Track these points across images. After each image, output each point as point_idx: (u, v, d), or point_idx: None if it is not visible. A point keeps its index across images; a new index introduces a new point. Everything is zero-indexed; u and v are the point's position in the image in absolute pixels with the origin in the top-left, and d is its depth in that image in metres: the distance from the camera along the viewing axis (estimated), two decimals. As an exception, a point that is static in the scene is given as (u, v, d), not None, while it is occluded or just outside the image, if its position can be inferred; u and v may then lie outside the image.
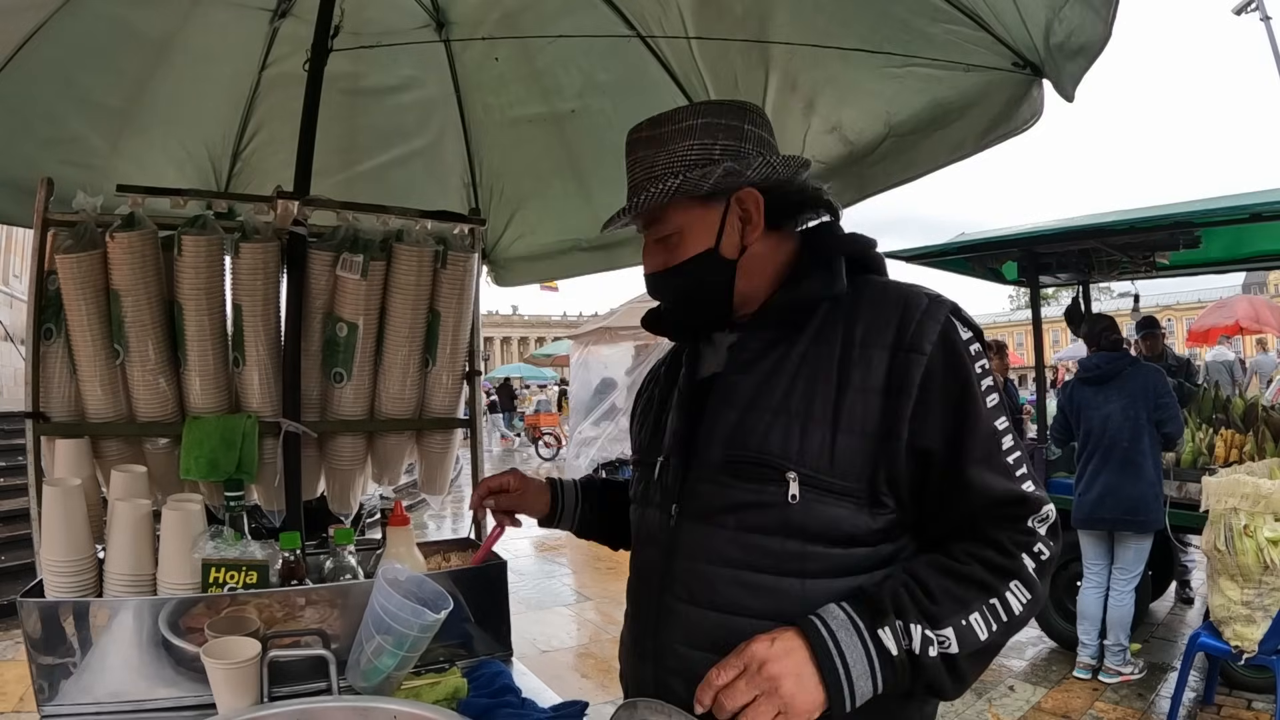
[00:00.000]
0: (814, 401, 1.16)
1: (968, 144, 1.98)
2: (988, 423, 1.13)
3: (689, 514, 1.25)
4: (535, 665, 2.24)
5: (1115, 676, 4.67)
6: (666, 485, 1.30)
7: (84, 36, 2.24)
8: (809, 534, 1.14)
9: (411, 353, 2.24)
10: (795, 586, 1.14)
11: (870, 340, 1.16)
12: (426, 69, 2.77)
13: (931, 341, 1.14)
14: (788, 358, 1.21)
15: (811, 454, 1.14)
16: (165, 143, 2.78)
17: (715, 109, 1.28)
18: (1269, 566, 3.57)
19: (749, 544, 1.17)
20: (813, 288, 1.23)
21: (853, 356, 1.16)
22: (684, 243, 1.27)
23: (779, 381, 1.20)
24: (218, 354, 2.07)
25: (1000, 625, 1.09)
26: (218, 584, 1.72)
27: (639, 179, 1.28)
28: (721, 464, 1.21)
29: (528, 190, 3.09)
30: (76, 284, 1.93)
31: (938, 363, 1.13)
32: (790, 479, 1.14)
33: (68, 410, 2.00)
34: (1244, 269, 9.39)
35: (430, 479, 2.46)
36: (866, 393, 1.14)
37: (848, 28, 2.01)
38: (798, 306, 1.23)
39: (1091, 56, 1.65)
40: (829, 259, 1.26)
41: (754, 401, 1.21)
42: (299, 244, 2.12)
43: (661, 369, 1.51)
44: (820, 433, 1.14)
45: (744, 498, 1.17)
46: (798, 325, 1.23)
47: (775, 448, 1.16)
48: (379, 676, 1.62)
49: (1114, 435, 4.70)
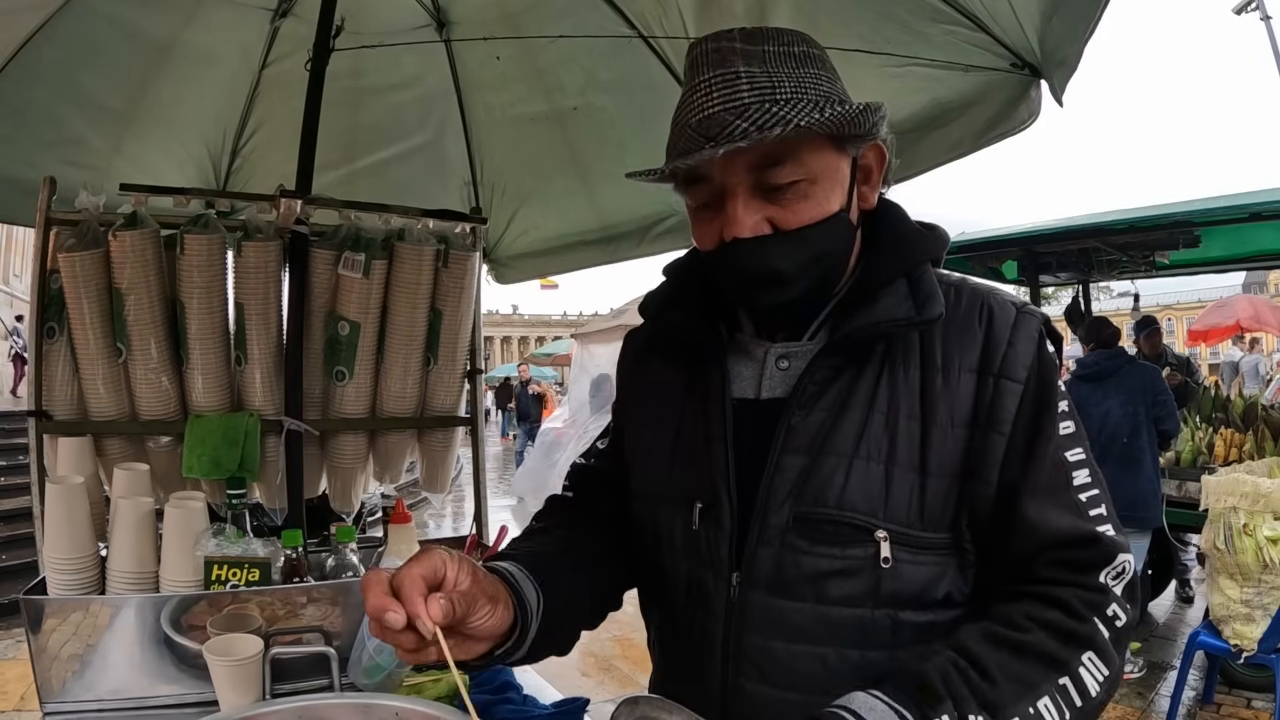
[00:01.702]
0: (897, 443, 0.96)
1: (966, 143, 2.00)
2: (1058, 451, 0.95)
3: (755, 584, 1.00)
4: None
5: None
6: (714, 543, 1.03)
7: (85, 37, 2.25)
8: (901, 600, 0.96)
9: (413, 351, 2.24)
10: (885, 659, 0.96)
11: (953, 362, 0.97)
12: (427, 67, 2.78)
13: (1027, 367, 0.96)
14: (857, 388, 0.99)
15: (899, 507, 0.95)
16: (165, 142, 2.79)
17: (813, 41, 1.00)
18: (1268, 565, 3.57)
19: (831, 618, 0.97)
20: (900, 308, 0.98)
21: (935, 385, 0.97)
22: (817, 195, 0.96)
23: (851, 417, 0.97)
24: (220, 352, 2.08)
25: (1074, 713, 0.86)
26: (220, 581, 1.73)
27: (752, 99, 0.92)
28: (791, 523, 0.97)
29: (530, 187, 3.11)
30: (79, 283, 1.93)
31: (1030, 390, 0.96)
32: (880, 539, 0.94)
33: (70, 408, 2.01)
34: (1244, 268, 9.40)
35: (431, 477, 2.47)
36: (954, 427, 0.96)
37: (848, 28, 2.02)
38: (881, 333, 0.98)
39: (1070, 69, 1.70)
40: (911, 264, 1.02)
41: (826, 444, 0.97)
42: (301, 243, 2.12)
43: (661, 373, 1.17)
44: (908, 480, 0.95)
45: (824, 565, 0.96)
46: (869, 348, 1.00)
47: (858, 502, 0.95)
48: (381, 674, 1.62)
49: (1113, 432, 4.73)
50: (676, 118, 0.99)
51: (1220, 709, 4.32)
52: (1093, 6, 1.52)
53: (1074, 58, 1.67)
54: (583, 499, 1.26)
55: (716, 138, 0.91)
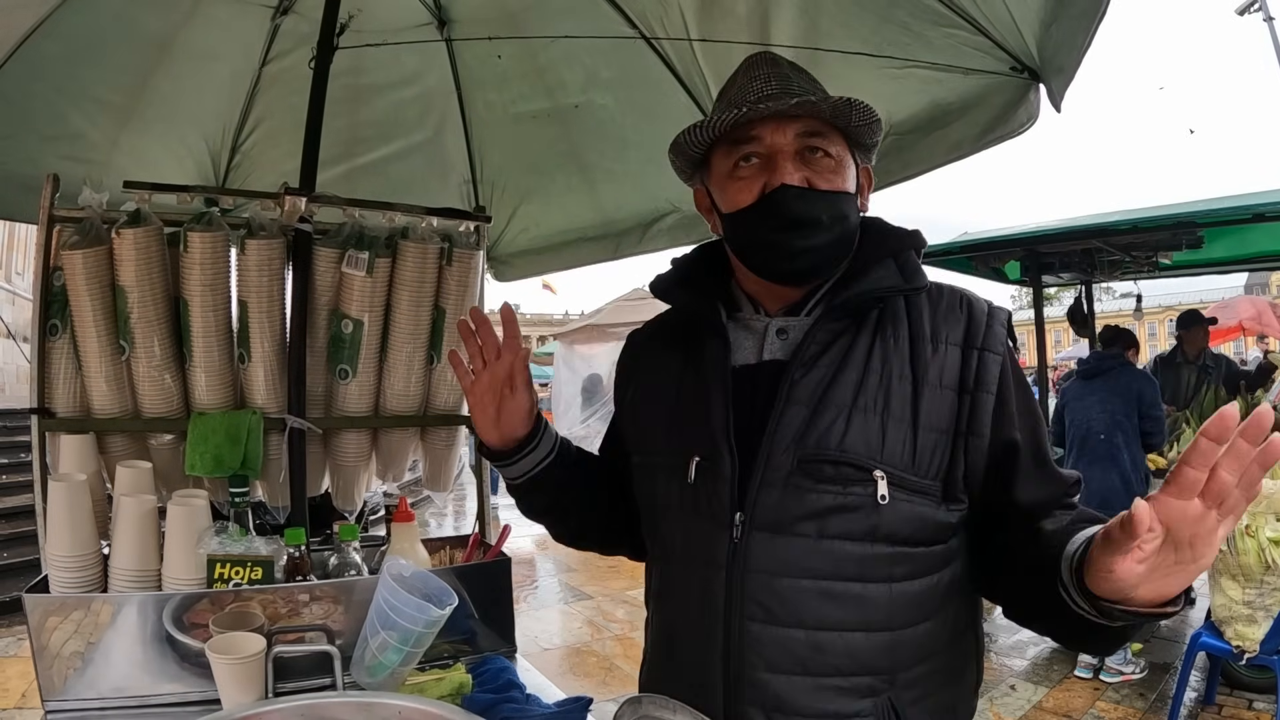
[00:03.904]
0: (890, 398, 1.11)
1: (965, 145, 2.02)
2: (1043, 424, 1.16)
3: (760, 524, 1.11)
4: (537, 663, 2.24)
5: (1116, 676, 4.68)
6: (715, 493, 1.15)
7: (85, 33, 2.26)
8: (897, 536, 1.09)
9: (416, 349, 2.24)
10: (883, 592, 1.09)
11: (940, 336, 1.14)
12: (428, 64, 2.79)
13: (1003, 343, 1.14)
14: (853, 351, 1.14)
15: (894, 452, 1.09)
16: (165, 137, 2.80)
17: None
18: (1270, 566, 3.58)
19: (834, 552, 1.08)
20: (889, 278, 1.17)
21: (925, 353, 1.13)
22: (841, 172, 1.17)
23: (848, 376, 1.12)
24: (223, 350, 2.07)
25: None
26: (222, 579, 1.73)
27: (801, 90, 1.15)
28: (795, 467, 1.10)
29: (530, 185, 3.12)
30: (82, 280, 1.93)
31: (1008, 364, 1.13)
32: (879, 478, 1.07)
33: (73, 406, 2.01)
34: (1246, 269, 9.39)
35: (434, 475, 2.47)
36: (943, 389, 1.11)
37: (850, 30, 2.03)
38: (874, 298, 1.16)
39: (1069, 77, 1.72)
40: (897, 249, 1.20)
41: (826, 398, 1.11)
42: (304, 240, 2.12)
43: (662, 356, 1.32)
44: (901, 430, 1.09)
45: (826, 502, 1.08)
46: (862, 317, 1.17)
47: (858, 446, 1.08)
48: (384, 672, 1.63)
49: (1091, 428, 4.84)
50: (731, 96, 1.20)
51: (1222, 710, 4.32)
52: (1091, 16, 1.53)
53: (1072, 66, 1.68)
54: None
55: (778, 98, 1.12)
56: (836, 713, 1.08)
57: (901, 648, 1.10)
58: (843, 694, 1.08)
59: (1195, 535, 0.79)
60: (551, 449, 1.36)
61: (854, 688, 1.08)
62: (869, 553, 1.08)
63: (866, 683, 1.09)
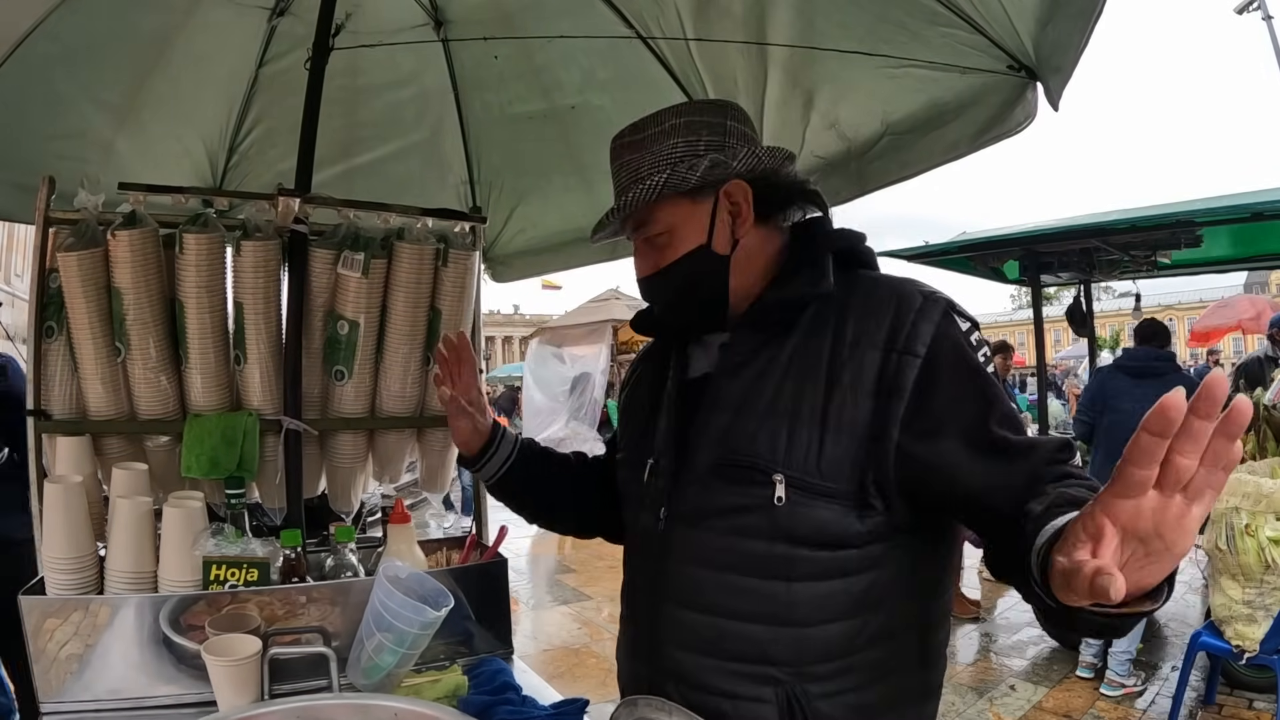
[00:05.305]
0: (802, 402, 1.13)
1: (963, 144, 2.01)
2: (1006, 404, 1.09)
3: (679, 517, 1.24)
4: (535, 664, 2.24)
5: (1118, 689, 4.64)
6: (656, 488, 1.29)
7: (83, 34, 2.25)
8: (796, 537, 1.13)
9: (413, 351, 2.24)
10: (781, 590, 1.14)
11: (861, 339, 1.13)
12: (424, 65, 2.78)
13: (925, 344, 1.10)
14: (777, 358, 1.19)
15: (799, 456, 1.12)
16: (163, 138, 2.79)
17: (696, 108, 1.29)
18: (1270, 566, 3.57)
19: (737, 548, 1.17)
20: (800, 286, 1.21)
21: (842, 356, 1.13)
22: (675, 241, 1.25)
23: (768, 383, 1.18)
24: (219, 352, 2.07)
25: None
26: (219, 581, 1.73)
27: (625, 182, 1.27)
28: (711, 467, 1.20)
29: (528, 185, 3.11)
30: (78, 282, 1.93)
31: (940, 359, 1.09)
32: (777, 481, 1.12)
33: (69, 408, 2.00)
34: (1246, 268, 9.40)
35: (431, 477, 2.47)
36: (857, 393, 1.11)
37: (846, 30, 2.02)
38: (787, 305, 1.21)
39: (1066, 77, 1.72)
40: (816, 256, 1.24)
41: (744, 404, 1.18)
42: (300, 242, 2.12)
43: (643, 369, 1.49)
44: (807, 434, 1.12)
45: (732, 501, 1.17)
46: (788, 324, 1.20)
47: (763, 450, 1.14)
48: (380, 674, 1.63)
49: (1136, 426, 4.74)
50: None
51: (1222, 710, 4.32)
52: (1088, 16, 1.53)
53: (1069, 65, 1.67)
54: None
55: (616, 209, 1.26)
56: (736, 693, 1.17)
57: (809, 643, 1.15)
58: (743, 678, 1.17)
59: (1161, 524, 0.73)
60: (510, 453, 1.60)
61: (754, 674, 1.16)
62: (770, 551, 1.14)
63: (767, 671, 1.16)
